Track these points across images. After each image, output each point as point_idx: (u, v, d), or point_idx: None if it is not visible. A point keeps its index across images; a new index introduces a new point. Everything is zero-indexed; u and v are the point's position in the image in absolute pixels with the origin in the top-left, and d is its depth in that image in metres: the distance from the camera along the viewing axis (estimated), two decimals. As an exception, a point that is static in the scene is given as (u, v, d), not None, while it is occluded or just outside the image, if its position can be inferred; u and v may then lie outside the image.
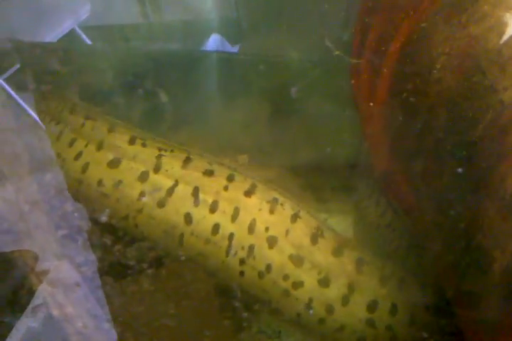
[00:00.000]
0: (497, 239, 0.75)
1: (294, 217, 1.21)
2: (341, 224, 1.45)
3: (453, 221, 0.87)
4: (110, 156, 1.30)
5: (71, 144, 1.36)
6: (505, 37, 0.78)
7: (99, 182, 1.29)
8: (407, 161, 1.02)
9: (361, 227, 1.42)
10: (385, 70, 0.99)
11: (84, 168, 1.31)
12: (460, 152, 0.83)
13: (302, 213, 1.21)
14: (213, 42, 2.74)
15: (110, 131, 1.33)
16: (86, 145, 1.34)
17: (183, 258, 1.28)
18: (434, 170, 0.91)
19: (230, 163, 1.29)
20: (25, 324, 1.29)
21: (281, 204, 1.21)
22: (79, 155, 1.33)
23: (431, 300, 1.14)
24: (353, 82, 1.10)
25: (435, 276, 1.03)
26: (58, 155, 1.39)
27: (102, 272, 1.31)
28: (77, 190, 1.34)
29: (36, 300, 1.33)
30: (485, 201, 0.77)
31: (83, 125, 1.37)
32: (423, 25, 0.91)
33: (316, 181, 1.54)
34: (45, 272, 1.39)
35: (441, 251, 0.94)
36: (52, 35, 2.67)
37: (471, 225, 0.80)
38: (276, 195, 1.22)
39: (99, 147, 1.32)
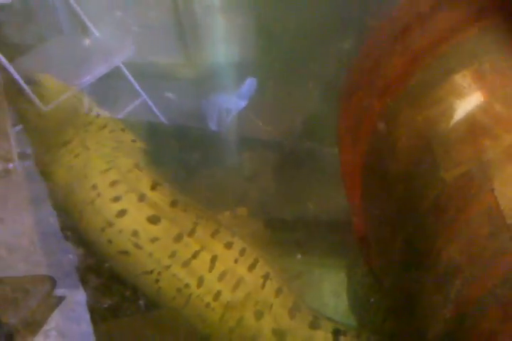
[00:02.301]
0: (432, 308, 0.81)
1: (278, 292, 1.30)
2: (334, 278, 1.52)
3: (401, 288, 0.92)
4: (151, 212, 1.40)
5: (113, 184, 1.44)
6: (452, 122, 0.85)
7: (135, 233, 1.38)
8: (377, 227, 1.08)
9: (351, 285, 1.47)
10: (361, 148, 1.07)
11: (121, 213, 1.40)
12: (409, 227, 0.89)
13: (284, 288, 1.31)
14: (249, 85, 2.86)
15: (153, 188, 1.44)
16: (127, 192, 1.43)
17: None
18: (392, 238, 0.97)
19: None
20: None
21: (271, 279, 1.32)
22: (118, 198, 1.42)
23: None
24: (339, 153, 1.19)
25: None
26: (94, 186, 1.46)
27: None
28: (103, 230, 1.42)
29: (49, 324, 1.43)
30: (424, 273, 0.83)
31: (130, 171, 1.48)
32: (390, 106, 0.98)
33: (311, 235, 1.61)
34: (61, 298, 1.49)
35: (396, 315, 0.99)
36: (98, 70, 2.86)
37: (413, 295, 0.86)
38: (269, 270, 1.33)
39: (141, 199, 1.42)
